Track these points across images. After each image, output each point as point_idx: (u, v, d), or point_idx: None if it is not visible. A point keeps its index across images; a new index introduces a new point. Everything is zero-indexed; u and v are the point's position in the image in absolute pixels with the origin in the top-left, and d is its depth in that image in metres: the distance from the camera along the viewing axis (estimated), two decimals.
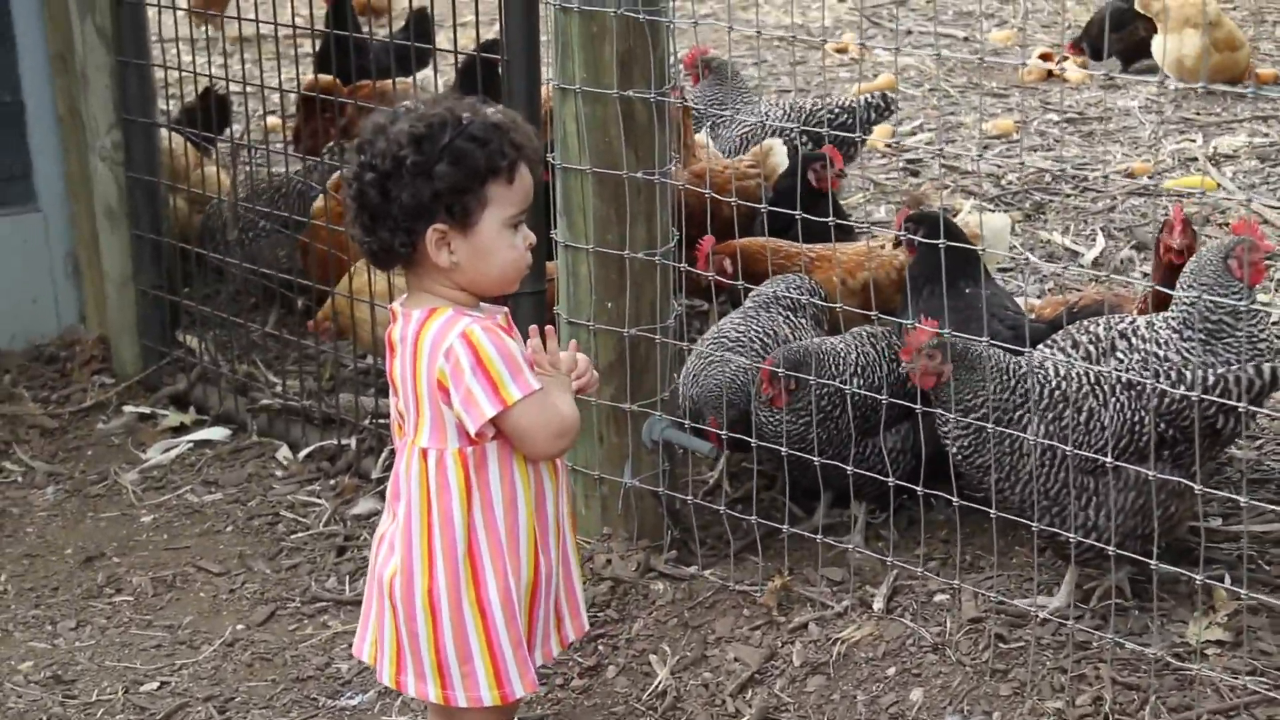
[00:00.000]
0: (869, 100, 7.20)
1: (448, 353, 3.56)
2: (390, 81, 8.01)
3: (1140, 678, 4.31)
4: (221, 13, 9.76)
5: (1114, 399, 4.41)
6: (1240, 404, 4.29)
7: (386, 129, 3.58)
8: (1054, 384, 4.45)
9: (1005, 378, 4.44)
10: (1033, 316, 5.49)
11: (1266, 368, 4.35)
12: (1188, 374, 4.36)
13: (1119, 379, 4.42)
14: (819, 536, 4.87)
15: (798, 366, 4.87)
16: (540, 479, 3.73)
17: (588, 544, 5.05)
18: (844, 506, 5.18)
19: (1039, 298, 6.65)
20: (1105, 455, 4.29)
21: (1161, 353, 4.67)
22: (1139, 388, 4.37)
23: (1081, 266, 7.13)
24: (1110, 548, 4.21)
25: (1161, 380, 4.33)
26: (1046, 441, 4.36)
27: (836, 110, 7.15)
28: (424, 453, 3.65)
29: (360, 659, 3.92)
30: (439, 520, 3.66)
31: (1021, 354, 4.42)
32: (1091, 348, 4.68)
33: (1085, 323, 4.80)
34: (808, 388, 4.83)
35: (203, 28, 9.00)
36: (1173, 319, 4.74)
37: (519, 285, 4.25)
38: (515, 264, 3.68)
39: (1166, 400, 4.35)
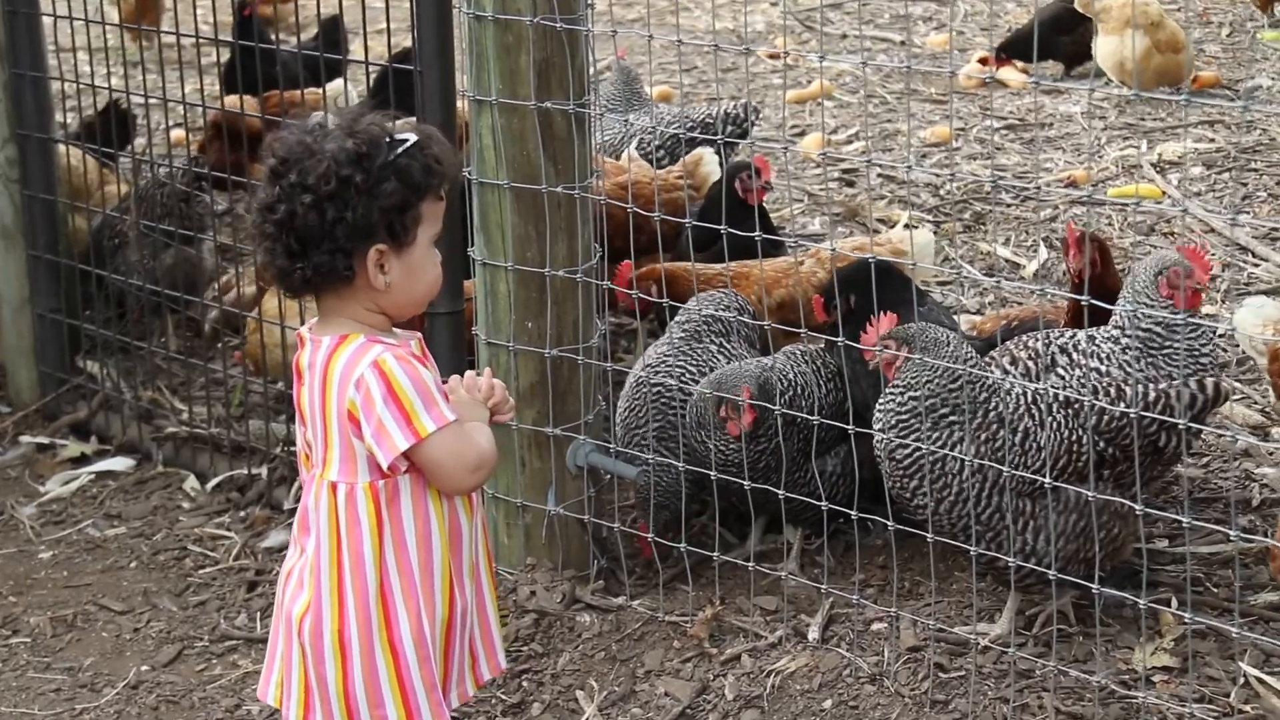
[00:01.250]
0: (727, 113, 7.26)
1: (358, 382, 3.55)
2: (299, 92, 7.99)
3: (1085, 706, 4.34)
4: (156, 25, 9.73)
5: (1051, 418, 4.45)
6: (1182, 420, 4.34)
7: (316, 149, 3.57)
8: (989, 403, 4.48)
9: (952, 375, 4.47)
10: (973, 333, 5.53)
11: (1209, 382, 4.40)
12: (1128, 390, 4.40)
13: (1056, 396, 4.46)
14: (751, 564, 4.88)
15: (756, 392, 4.86)
16: (455, 513, 3.73)
17: (510, 575, 5.05)
18: (778, 532, 5.19)
19: (978, 313, 6.69)
20: (1043, 476, 4.32)
21: (1103, 368, 4.71)
22: (1077, 405, 4.41)
23: (1022, 279, 7.18)
24: (1051, 572, 4.24)
25: (1100, 397, 4.37)
26: (980, 462, 4.38)
27: (693, 123, 7.20)
28: (333, 486, 3.64)
29: (265, 702, 3.90)
30: (349, 557, 3.64)
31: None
32: (1031, 364, 4.70)
33: (1024, 338, 4.83)
34: (762, 415, 4.84)
35: (137, 42, 8.97)
36: (1112, 333, 4.78)
37: (436, 305, 4.24)
38: (436, 283, 3.71)
39: (1106, 418, 4.39)
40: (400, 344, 3.65)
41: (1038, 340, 4.76)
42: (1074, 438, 4.42)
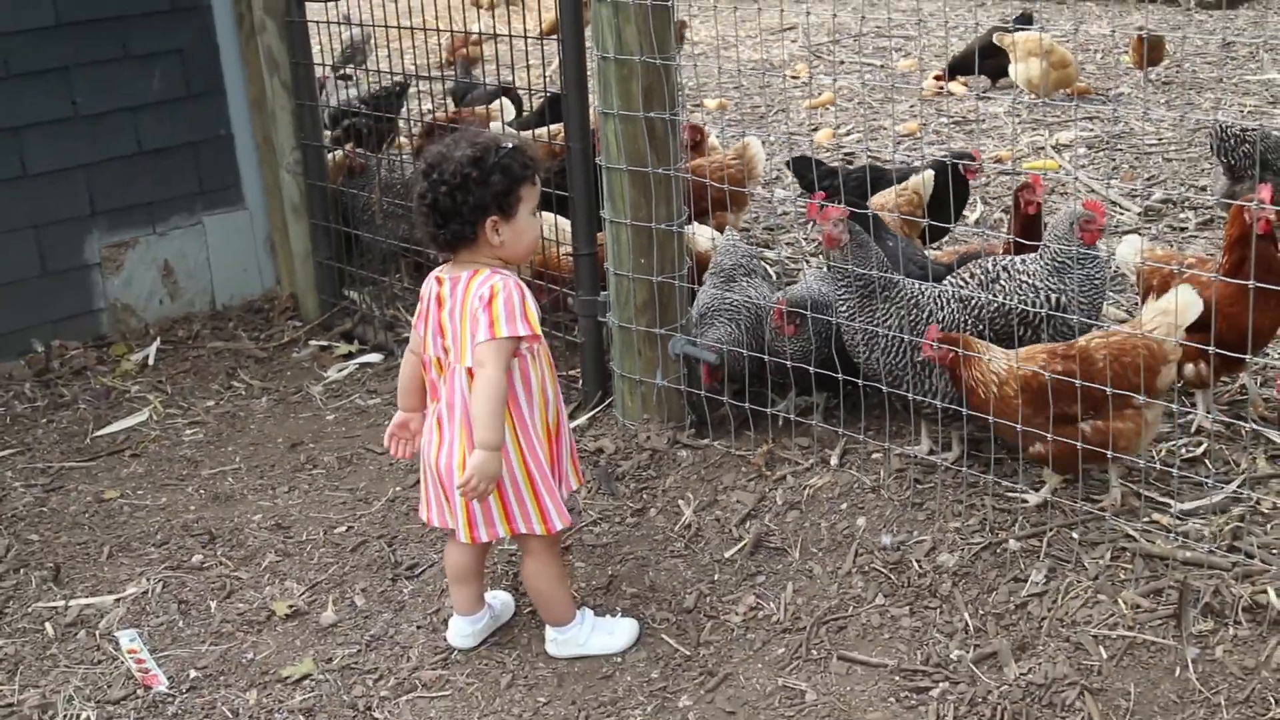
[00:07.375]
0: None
1: (482, 291, 3.62)
2: (483, 109, 7.92)
3: (1010, 504, 4.37)
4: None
5: (947, 307, 4.50)
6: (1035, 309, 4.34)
7: (449, 156, 3.60)
8: (909, 294, 4.52)
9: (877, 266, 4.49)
10: (934, 259, 5.50)
11: (1052, 298, 4.42)
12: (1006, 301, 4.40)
13: (954, 294, 4.47)
14: (793, 416, 4.91)
15: (800, 305, 4.85)
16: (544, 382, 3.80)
17: (632, 426, 5.09)
18: (809, 394, 5.21)
19: (938, 248, 6.65)
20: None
21: (1030, 282, 4.66)
22: (969, 300, 4.44)
23: (967, 225, 7.13)
24: (940, 404, 4.28)
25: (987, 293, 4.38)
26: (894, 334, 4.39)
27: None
28: (469, 371, 3.63)
29: (431, 524, 3.94)
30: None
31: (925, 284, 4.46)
32: (982, 276, 4.67)
33: (980, 260, 4.79)
34: (804, 322, 4.83)
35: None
36: (1036, 259, 4.72)
37: (577, 247, 4.18)
38: (537, 240, 3.74)
39: (987, 309, 4.46)
40: (511, 274, 3.69)
41: (989, 262, 4.73)
42: (962, 320, 4.48)
